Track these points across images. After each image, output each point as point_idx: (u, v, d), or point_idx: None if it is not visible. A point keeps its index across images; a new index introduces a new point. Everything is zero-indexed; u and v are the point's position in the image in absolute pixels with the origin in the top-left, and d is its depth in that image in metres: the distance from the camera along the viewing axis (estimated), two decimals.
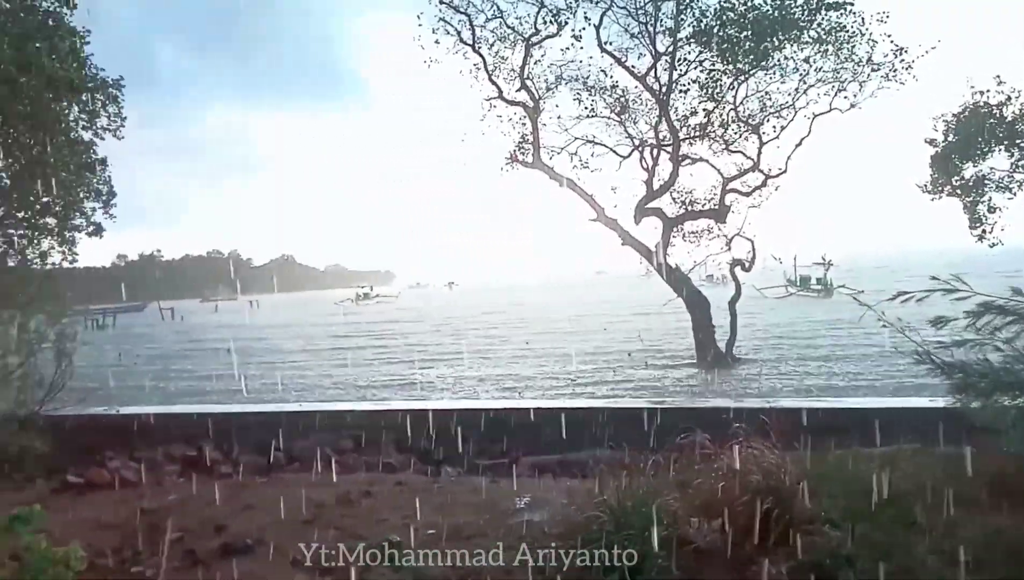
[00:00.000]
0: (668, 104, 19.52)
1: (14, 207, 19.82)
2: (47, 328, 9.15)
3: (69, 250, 20.30)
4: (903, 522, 4.73)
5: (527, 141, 20.31)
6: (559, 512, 5.73)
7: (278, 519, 6.18)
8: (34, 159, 18.36)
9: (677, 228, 20.69)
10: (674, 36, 18.92)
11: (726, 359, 19.37)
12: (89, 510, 6.79)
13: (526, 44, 19.38)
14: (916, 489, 5.07)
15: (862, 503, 4.82)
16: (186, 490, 7.34)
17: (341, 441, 9.31)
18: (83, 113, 18.66)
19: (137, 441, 9.16)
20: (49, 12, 16.90)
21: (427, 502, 6.53)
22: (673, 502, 4.95)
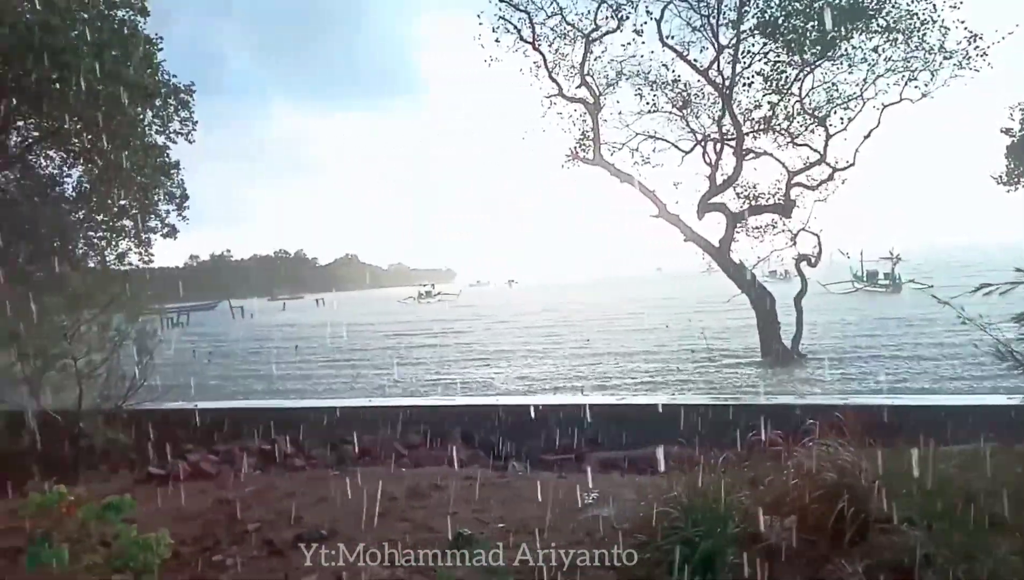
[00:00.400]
0: (731, 97, 19.16)
1: (93, 210, 20.78)
2: (128, 326, 9.52)
3: (145, 251, 21.24)
4: (983, 522, 4.54)
5: (587, 137, 20.23)
6: (628, 508, 5.68)
7: (351, 511, 6.31)
8: (112, 164, 19.20)
9: (741, 223, 20.29)
10: (737, 28, 18.54)
11: (792, 356, 18.93)
12: (170, 500, 7.02)
13: (586, 40, 19.30)
14: (996, 488, 4.86)
15: (940, 502, 4.66)
16: (262, 482, 7.56)
17: (409, 436, 9.45)
18: (156, 118, 19.46)
19: (214, 435, 9.49)
20: (124, 21, 17.62)
21: (496, 496, 6.58)
22: (744, 499, 4.87)
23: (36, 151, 19.98)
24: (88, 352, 9.00)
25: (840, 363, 18.84)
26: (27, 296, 12.70)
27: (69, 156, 20.17)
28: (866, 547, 4.34)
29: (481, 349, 27.82)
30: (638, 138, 20.67)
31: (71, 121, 17.87)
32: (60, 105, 16.77)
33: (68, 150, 19.93)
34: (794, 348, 19.20)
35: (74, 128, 18.46)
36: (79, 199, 20.52)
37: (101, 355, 9.09)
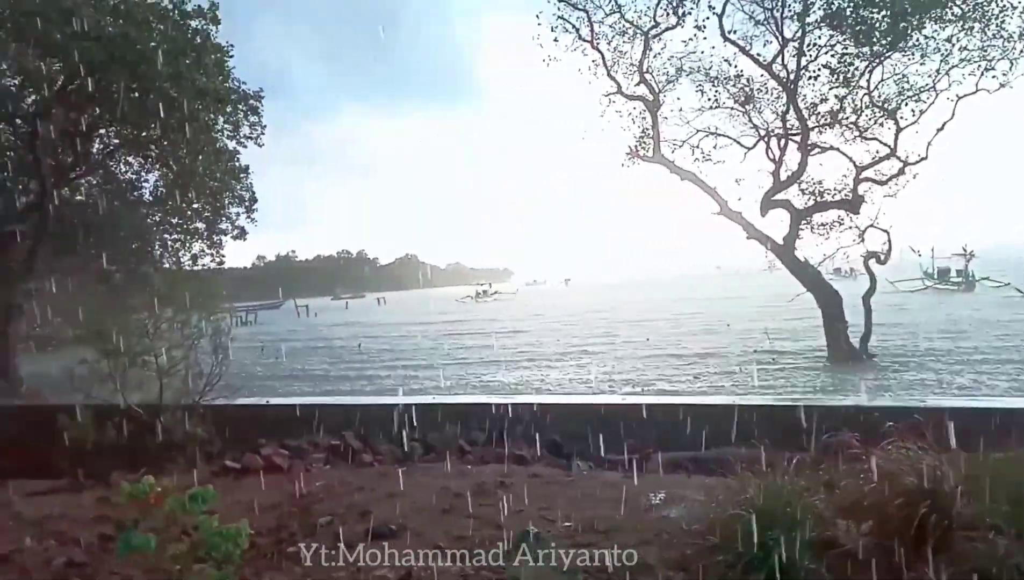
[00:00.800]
0: (796, 91, 18.72)
1: (169, 213, 21.66)
2: (204, 324, 9.88)
3: (217, 252, 22.02)
4: None
5: (647, 135, 20.05)
6: (697, 509, 5.62)
7: (419, 507, 6.42)
8: (186, 169, 19.97)
9: (806, 220, 19.79)
10: (802, 21, 18.10)
11: (861, 356, 18.38)
12: (245, 493, 7.24)
13: (645, 37, 19.15)
14: None
15: None
16: (332, 477, 7.73)
17: (473, 433, 9.54)
18: (228, 124, 20.13)
19: (285, 430, 9.76)
20: (197, 30, 18.28)
21: (561, 495, 6.59)
22: (819, 503, 4.74)
23: (116, 157, 20.95)
24: (168, 349, 9.39)
25: (912, 364, 18.22)
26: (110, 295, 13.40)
27: (147, 162, 21.08)
28: (950, 555, 4.18)
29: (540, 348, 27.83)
30: (699, 135, 20.44)
31: (149, 128, 18.62)
32: (139, 113, 17.49)
33: (146, 156, 20.82)
34: (863, 348, 18.64)
35: (151, 135, 19.23)
36: (155, 203, 21.43)
37: (180, 352, 9.46)
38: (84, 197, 20.96)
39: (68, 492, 7.96)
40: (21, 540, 5.92)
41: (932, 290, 42.00)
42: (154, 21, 17.18)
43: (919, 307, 33.01)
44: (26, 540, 5.92)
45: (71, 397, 9.78)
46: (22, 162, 18.50)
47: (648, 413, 9.28)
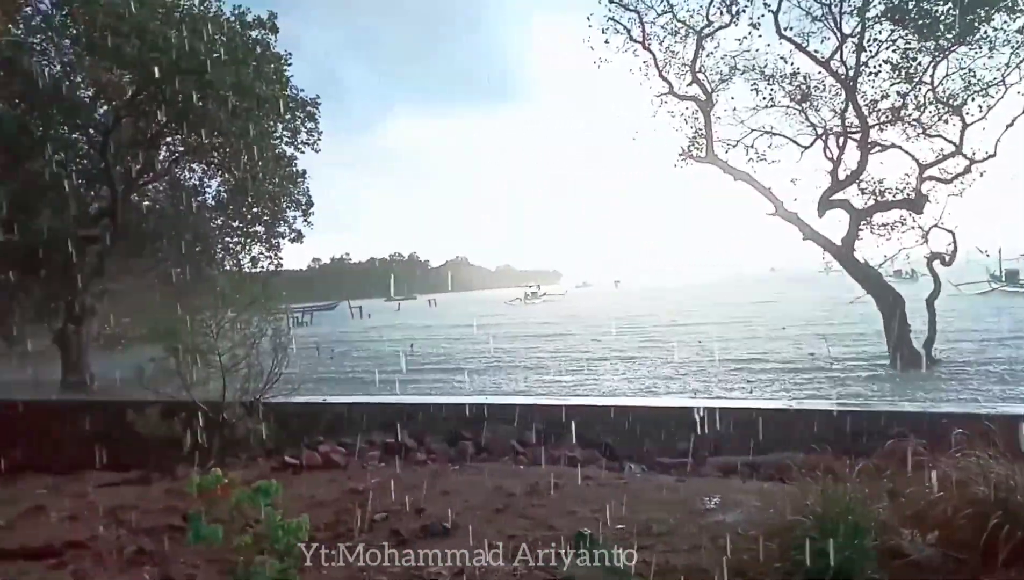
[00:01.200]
0: (856, 88, 18.14)
1: (230, 218, 22.31)
2: (265, 324, 10.18)
3: (275, 255, 22.57)
4: None
5: (700, 136, 19.74)
6: (753, 515, 5.55)
7: (472, 505, 6.51)
8: (246, 174, 20.55)
9: (866, 221, 19.20)
10: (862, 15, 17.57)
11: (924, 361, 17.74)
12: (304, 488, 7.45)
13: (698, 37, 18.86)
14: None
15: None
16: (387, 474, 7.86)
17: (525, 433, 9.59)
18: (286, 130, 20.64)
19: (341, 427, 9.98)
20: (257, 40, 18.82)
21: (615, 497, 6.57)
22: (883, 511, 4.65)
23: (181, 164, 21.68)
24: (231, 348, 9.70)
25: (978, 370, 17.54)
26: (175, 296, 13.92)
27: (209, 168, 21.74)
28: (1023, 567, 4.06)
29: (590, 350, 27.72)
30: (753, 134, 19.93)
31: (212, 136, 19.24)
32: (202, 121, 18.08)
33: (208, 162, 21.48)
34: (926, 353, 17.98)
35: (214, 142, 19.86)
36: (217, 207, 22.08)
37: (242, 351, 9.77)
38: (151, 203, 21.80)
39: (138, 484, 8.31)
40: (95, 528, 6.21)
41: (999, 293, 40.40)
42: (217, 32, 17.74)
43: (986, 311, 31.77)
44: (100, 528, 6.21)
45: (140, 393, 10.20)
46: (94, 170, 19.30)
47: (702, 416, 9.17)
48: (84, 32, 16.69)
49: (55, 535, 6.08)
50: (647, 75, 19.58)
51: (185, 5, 18.53)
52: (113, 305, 18.75)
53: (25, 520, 6.75)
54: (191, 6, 18.60)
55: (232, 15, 18.70)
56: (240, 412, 9.33)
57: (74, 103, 18.99)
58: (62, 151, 19.64)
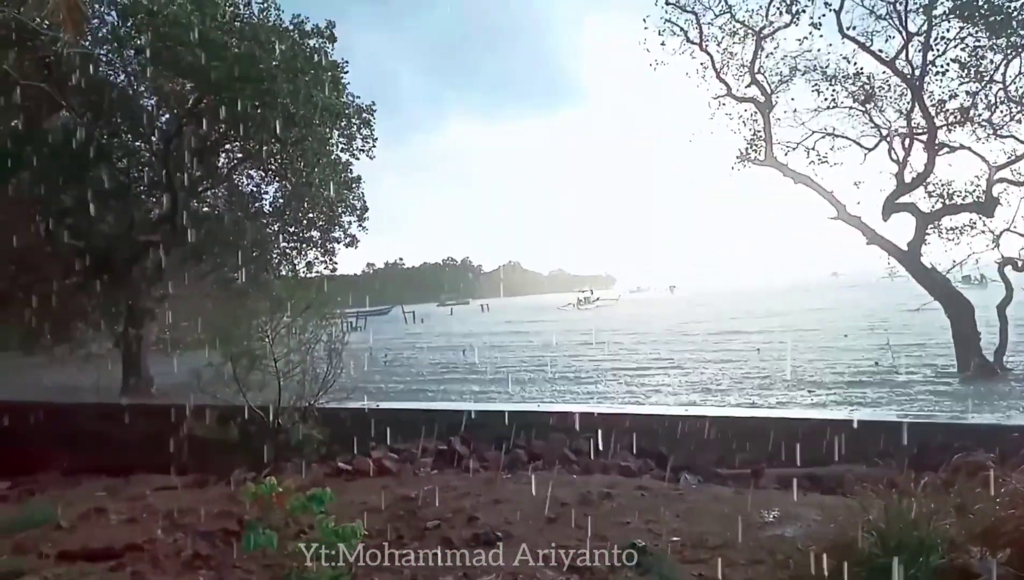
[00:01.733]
0: (922, 88, 17.54)
1: (287, 224, 22.74)
2: (320, 330, 10.28)
3: (330, 260, 22.89)
4: None
5: (759, 138, 19.35)
6: (814, 529, 5.38)
7: (524, 514, 6.43)
8: (303, 181, 20.92)
9: (933, 224, 18.51)
10: (929, 13, 16.98)
11: (995, 370, 16.97)
12: (357, 494, 7.46)
13: (757, 37, 18.51)
14: None
15: None
16: (439, 481, 7.85)
17: (577, 442, 9.47)
18: (342, 137, 20.92)
19: (394, 433, 10.02)
20: (315, 48, 19.13)
21: (669, 508, 6.44)
22: (950, 527, 4.42)
23: (240, 171, 22.19)
24: (286, 353, 9.83)
25: None
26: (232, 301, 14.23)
27: (267, 175, 22.21)
28: None
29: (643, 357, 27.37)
30: (815, 136, 19.45)
31: (269, 143, 19.64)
32: (261, 129, 18.46)
33: (266, 169, 21.94)
34: (997, 362, 17.19)
35: (272, 149, 20.27)
36: (274, 213, 22.52)
37: (297, 356, 9.89)
38: (209, 209, 22.35)
39: (194, 487, 8.46)
40: (153, 531, 6.32)
41: None
42: (276, 41, 18.10)
43: None
44: (158, 531, 6.32)
45: (198, 398, 10.41)
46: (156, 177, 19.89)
47: (760, 426, 8.97)
48: (148, 42, 17.19)
49: (115, 537, 6.20)
50: (704, 77, 19.34)
51: (245, 15, 18.98)
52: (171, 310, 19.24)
53: (86, 522, 6.91)
54: (251, 15, 19.05)
55: (291, 24, 19.08)
56: (294, 417, 9.43)
57: (137, 112, 19.60)
58: (125, 158, 20.31)
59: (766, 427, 9.06)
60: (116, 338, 19.37)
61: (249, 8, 19.18)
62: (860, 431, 8.53)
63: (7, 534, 6.42)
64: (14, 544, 6.11)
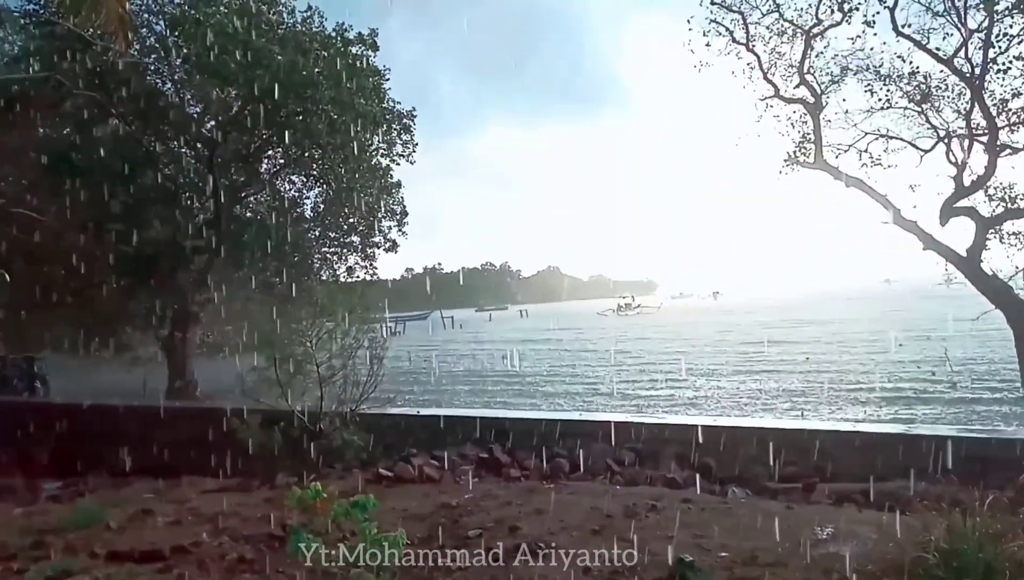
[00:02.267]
0: (983, 87, 16.90)
1: (328, 228, 22.98)
2: (361, 335, 10.29)
3: (370, 265, 23.08)
4: None
5: (808, 140, 18.87)
6: (870, 548, 5.16)
7: (567, 525, 6.31)
8: (344, 186, 21.11)
9: (994, 229, 17.84)
10: (990, 9, 16.36)
11: None
12: (398, 501, 7.42)
13: (806, 36, 18.05)
14: None
15: None
16: (480, 489, 7.77)
17: (621, 452, 9.31)
18: (383, 143, 21.08)
19: (435, 440, 9.97)
20: (357, 56, 19.31)
21: (717, 523, 6.25)
22: (1018, 549, 4.22)
23: (282, 177, 22.51)
24: (328, 358, 9.86)
25: None
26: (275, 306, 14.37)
27: (308, 180, 22.48)
28: None
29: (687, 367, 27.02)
30: (867, 138, 18.78)
31: (311, 149, 19.86)
32: (303, 135, 18.69)
33: (308, 175, 22.21)
34: None
35: (313, 155, 20.50)
36: (315, 218, 22.79)
37: (339, 361, 9.91)
38: (252, 214, 22.70)
39: (238, 491, 8.49)
40: (199, 534, 6.35)
41: None
42: (319, 49, 18.32)
43: None
44: (203, 535, 6.34)
45: (241, 401, 10.50)
46: (201, 182, 20.26)
47: (812, 439, 8.67)
48: (194, 51, 17.53)
49: (162, 539, 6.25)
50: (751, 78, 18.84)
51: (289, 23, 19.25)
52: (216, 314, 19.55)
53: (133, 523, 6.98)
54: (295, 24, 19.31)
55: (334, 32, 19.30)
56: (336, 422, 9.44)
57: (184, 120, 20.00)
58: (171, 165, 20.72)
59: (817, 439, 8.76)
60: (162, 341, 19.73)
61: (293, 17, 19.49)
62: (917, 446, 8.20)
63: (59, 533, 6.52)
64: (66, 544, 6.21)
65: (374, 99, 19.30)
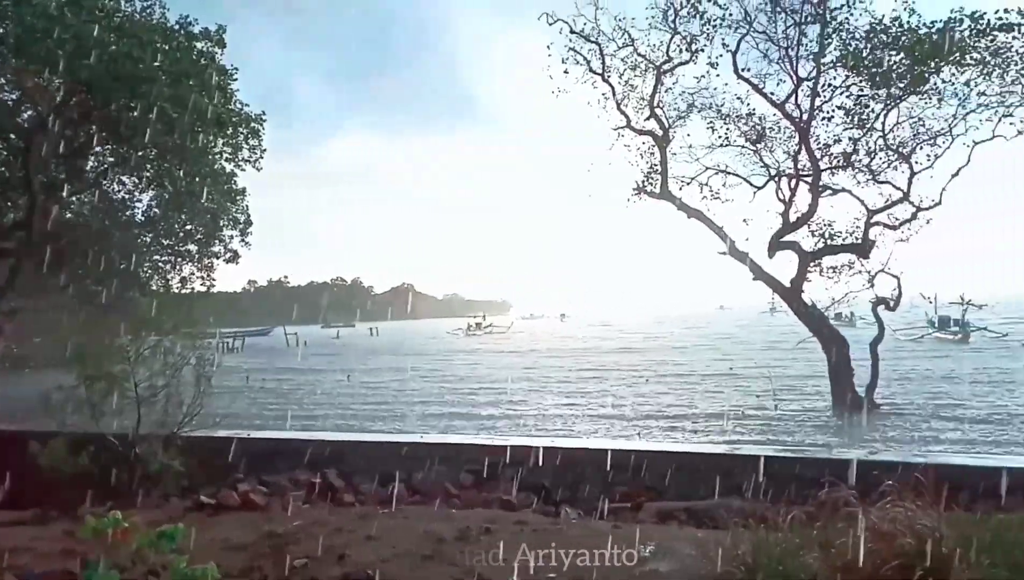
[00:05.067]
0: (809, 131, 18.57)
1: (161, 235, 21.51)
2: (188, 351, 9.62)
3: (207, 276, 21.83)
4: None
5: (655, 171, 19.86)
6: (688, 563, 5.41)
7: (399, 551, 6.16)
8: (181, 190, 19.85)
9: (814, 263, 19.50)
10: (818, 61, 18.04)
11: (866, 406, 17.94)
12: (219, 530, 6.96)
13: (657, 72, 19.09)
14: None
15: None
16: (310, 516, 7.44)
17: (460, 475, 9.26)
18: (227, 146, 20.05)
19: (264, 465, 9.45)
20: (202, 52, 18.28)
21: (548, 543, 6.32)
22: (814, 561, 4.55)
23: (110, 176, 20.81)
24: (150, 376, 9.12)
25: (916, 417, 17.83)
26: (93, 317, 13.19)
27: (141, 182, 20.95)
28: None
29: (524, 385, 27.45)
30: (708, 172, 20.18)
31: (146, 148, 18.52)
32: (137, 132, 17.39)
33: (140, 176, 20.69)
34: (868, 398, 18.14)
35: (148, 155, 19.13)
36: (147, 224, 21.25)
37: (162, 380, 9.19)
38: (74, 216, 20.80)
39: (34, 524, 7.63)
40: None
41: (933, 339, 41.95)
42: (159, 41, 17.18)
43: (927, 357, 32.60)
44: None
45: (45, 423, 9.48)
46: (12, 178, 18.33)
47: (642, 460, 9.03)
48: (11, 31, 15.87)
49: None
50: (605, 108, 19.71)
51: (127, 11, 17.91)
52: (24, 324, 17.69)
53: None
54: (132, 12, 17.99)
55: (178, 25, 18.18)
56: (155, 447, 8.72)
57: None
58: None
59: (648, 460, 9.14)
60: None
61: (132, 5, 18.17)
62: (737, 465, 8.76)
63: None
64: None
65: (219, 99, 18.32)
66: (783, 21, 18.10)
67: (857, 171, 18.94)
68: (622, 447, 10.55)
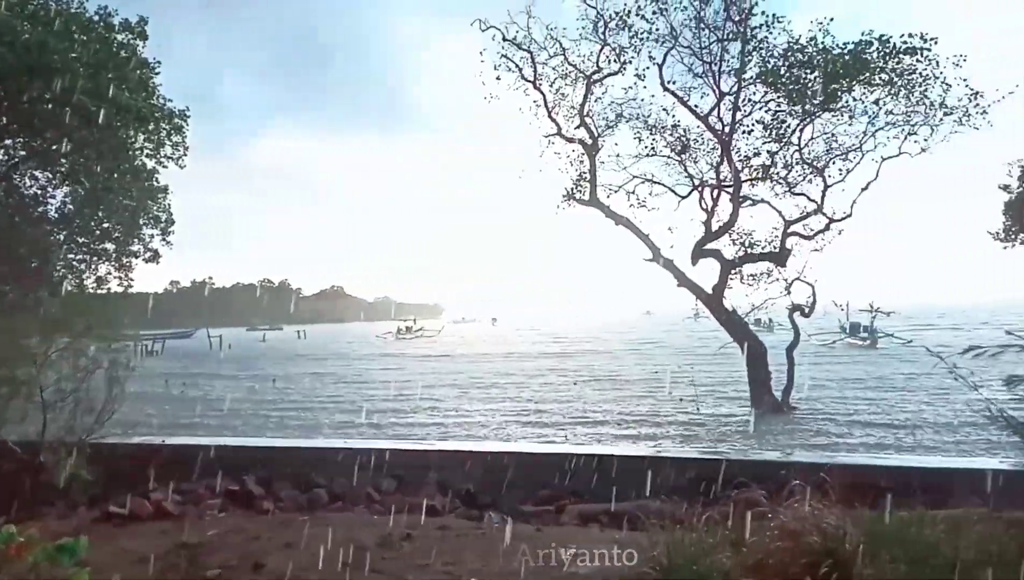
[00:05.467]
0: (731, 144, 19.19)
1: (76, 233, 20.57)
2: (102, 354, 9.24)
3: (125, 276, 21.01)
4: None
5: (584, 179, 20.18)
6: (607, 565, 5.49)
7: (317, 560, 6.06)
8: (99, 186, 19.07)
9: (735, 271, 20.13)
10: (739, 76, 18.66)
11: (782, 408, 18.62)
12: (130, 541, 6.74)
13: (587, 81, 19.42)
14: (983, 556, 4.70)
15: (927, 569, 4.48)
16: (227, 524, 7.27)
17: (383, 480, 9.17)
18: (148, 142, 19.37)
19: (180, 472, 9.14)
20: (123, 44, 17.63)
21: (470, 548, 6.36)
22: (726, 560, 4.71)
23: (22, 170, 19.81)
24: (58, 380, 8.72)
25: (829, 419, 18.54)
26: None
27: (55, 177, 20.02)
28: None
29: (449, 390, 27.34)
30: (635, 181, 20.61)
31: (61, 141, 17.73)
32: (51, 125, 16.64)
33: (55, 171, 19.77)
34: (784, 401, 18.86)
35: (63, 148, 18.31)
36: (61, 220, 20.32)
37: (71, 384, 8.79)
38: None
39: None
40: None
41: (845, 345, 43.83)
42: (77, 32, 16.50)
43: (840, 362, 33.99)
44: None
45: None
46: None
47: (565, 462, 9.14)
48: None
49: None
50: (536, 115, 19.95)
51: None
52: None
53: None
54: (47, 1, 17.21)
55: (97, 16, 17.47)
56: (61, 454, 8.32)
57: None
58: None
59: (572, 462, 9.25)
60: None
61: None
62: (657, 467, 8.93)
63: None
64: None
65: (140, 93, 17.69)
66: (707, 37, 18.67)
67: (775, 183, 19.69)
68: (547, 451, 10.67)
